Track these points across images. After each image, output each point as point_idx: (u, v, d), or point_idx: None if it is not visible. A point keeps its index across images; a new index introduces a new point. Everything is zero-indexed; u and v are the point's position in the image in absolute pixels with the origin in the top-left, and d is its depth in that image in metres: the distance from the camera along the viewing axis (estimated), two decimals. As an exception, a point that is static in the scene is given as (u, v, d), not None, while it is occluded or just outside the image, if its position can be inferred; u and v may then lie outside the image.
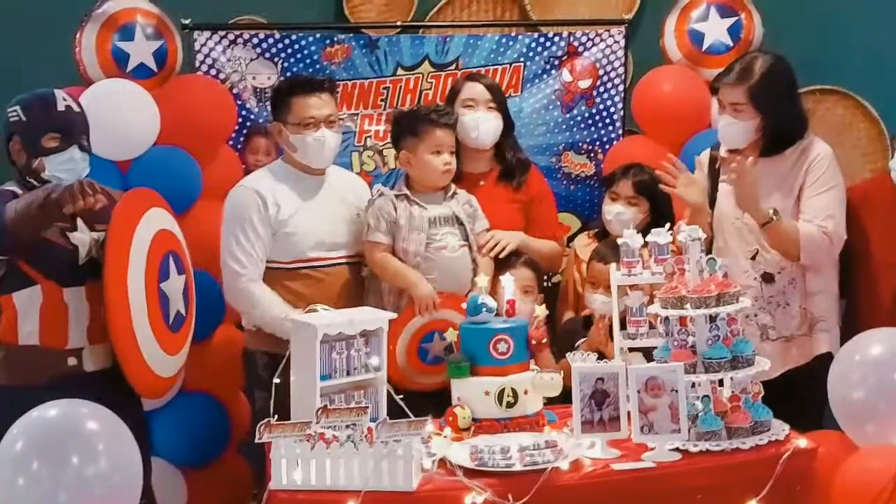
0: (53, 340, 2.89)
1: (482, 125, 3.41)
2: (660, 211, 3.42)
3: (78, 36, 3.66)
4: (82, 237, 2.91)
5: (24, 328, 2.88)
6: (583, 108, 4.14)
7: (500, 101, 3.48)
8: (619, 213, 3.44)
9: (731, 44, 3.95)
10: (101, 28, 3.64)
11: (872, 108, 4.26)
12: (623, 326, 2.95)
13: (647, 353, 2.85)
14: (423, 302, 3.10)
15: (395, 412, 2.67)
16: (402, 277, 3.15)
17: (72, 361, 2.91)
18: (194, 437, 3.61)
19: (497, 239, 3.33)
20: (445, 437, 2.66)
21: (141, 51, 3.67)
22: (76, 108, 2.95)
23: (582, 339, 3.17)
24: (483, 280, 2.89)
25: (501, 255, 3.32)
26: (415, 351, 3.13)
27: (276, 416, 2.48)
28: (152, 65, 3.70)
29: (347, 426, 2.41)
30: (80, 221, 2.90)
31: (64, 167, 2.89)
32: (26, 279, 2.86)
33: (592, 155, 4.14)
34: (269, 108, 3.85)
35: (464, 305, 2.88)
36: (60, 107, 2.91)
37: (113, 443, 2.37)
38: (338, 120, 3.29)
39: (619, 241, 2.97)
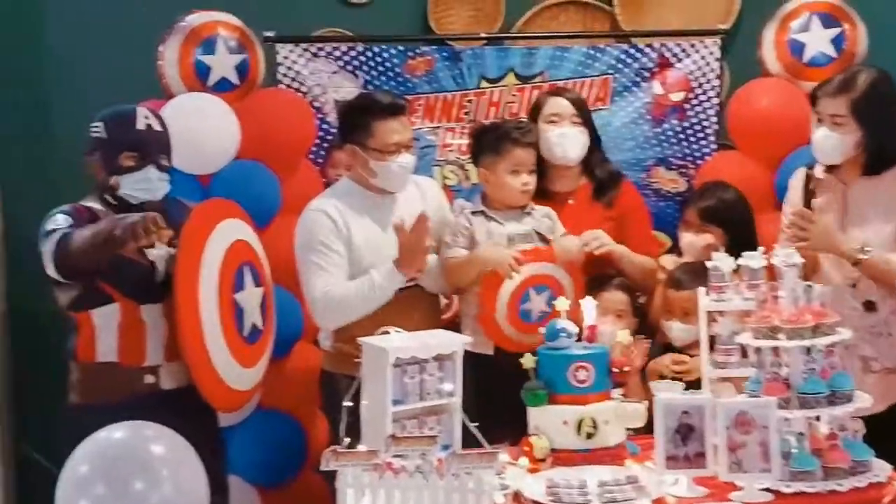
0: (131, 358, 2.88)
1: (568, 141, 3.29)
2: (739, 234, 3.23)
3: (161, 49, 3.68)
4: (159, 253, 2.89)
5: (101, 346, 2.88)
6: (674, 121, 4.00)
7: (585, 115, 3.35)
8: (691, 241, 3.29)
9: (834, 55, 3.76)
10: (183, 41, 3.65)
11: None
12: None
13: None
14: (504, 265, 3.03)
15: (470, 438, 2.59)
16: (471, 260, 3.10)
17: (149, 379, 2.90)
18: (271, 456, 3.58)
19: (596, 236, 3.18)
20: (521, 467, 2.55)
21: (223, 64, 3.67)
22: (157, 127, 2.94)
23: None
24: (563, 303, 2.77)
25: (598, 252, 3.18)
26: (516, 315, 3.08)
27: (347, 441, 2.41)
28: (234, 78, 3.69)
29: (417, 455, 2.33)
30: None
31: (139, 186, 2.88)
32: (104, 296, 2.85)
33: (684, 171, 3.99)
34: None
35: (541, 331, 2.76)
36: (140, 125, 2.90)
37: (178, 468, 2.34)
38: (414, 141, 3.21)
39: (709, 264, 2.82)
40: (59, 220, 2.80)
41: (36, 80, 4.16)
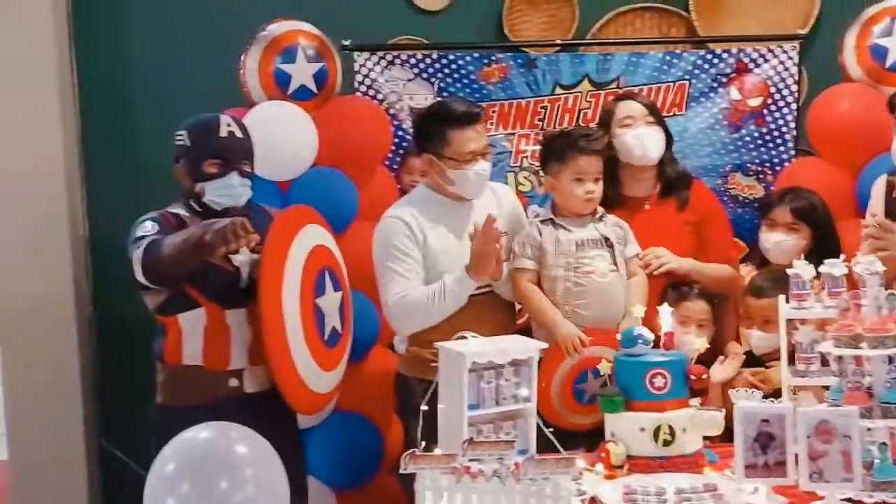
0: (216, 361, 2.95)
1: (646, 140, 3.28)
2: (823, 238, 3.21)
3: (243, 58, 3.75)
4: (244, 259, 2.95)
5: (187, 349, 2.95)
6: (752, 127, 3.96)
7: (657, 116, 3.34)
8: (778, 241, 3.26)
9: (918, 60, 3.70)
10: (264, 50, 3.72)
11: None
12: (791, 363, 2.77)
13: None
14: (567, 343, 3.01)
15: (544, 443, 2.59)
16: (543, 315, 3.08)
17: (233, 382, 2.96)
18: (347, 458, 3.62)
19: (657, 255, 3.18)
20: (597, 473, 2.56)
21: (302, 73, 3.72)
22: (239, 134, 3.00)
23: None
24: (639, 310, 2.76)
25: (658, 272, 3.17)
26: (570, 392, 3.05)
27: (423, 444, 2.43)
28: (312, 86, 3.74)
29: (494, 459, 2.34)
30: None
31: (222, 192, 2.94)
32: (191, 301, 2.92)
33: (762, 177, 3.96)
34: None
35: (618, 337, 2.76)
36: (223, 133, 2.96)
37: (261, 468, 2.38)
38: (490, 148, 3.22)
39: (790, 271, 2.79)
40: (147, 227, 2.88)
41: (120, 90, 4.28)
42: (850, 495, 2.35)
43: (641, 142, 3.28)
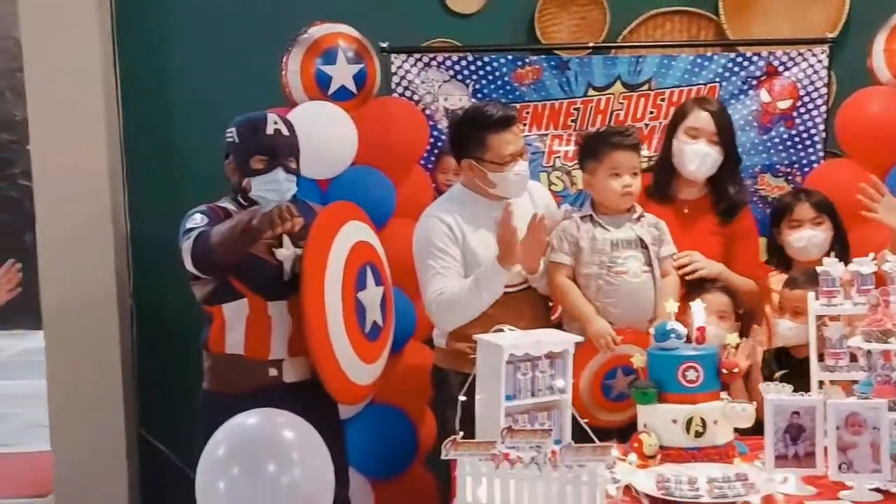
0: (257, 351, 3.04)
1: (702, 159, 3.34)
2: (839, 234, 3.33)
3: (285, 60, 3.84)
4: (287, 253, 3.04)
5: (230, 338, 3.04)
6: (781, 129, 4.02)
7: (725, 133, 3.38)
8: (811, 236, 3.33)
9: (948, 64, 3.74)
10: (305, 52, 3.80)
11: None
12: (821, 358, 2.84)
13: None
14: (599, 339, 3.08)
15: (578, 435, 2.67)
16: (577, 311, 3.15)
17: (272, 372, 3.05)
18: (383, 449, 3.70)
19: (693, 259, 3.26)
20: (631, 463, 2.63)
21: (342, 74, 3.79)
22: (285, 132, 3.09)
23: (781, 373, 3.06)
24: (672, 305, 2.84)
25: (689, 278, 3.25)
26: (598, 387, 3.12)
27: (461, 434, 2.52)
28: (352, 87, 3.81)
29: (531, 448, 2.42)
30: (285, 238, 3.03)
31: (268, 187, 3.03)
32: (235, 292, 3.02)
33: (791, 178, 4.01)
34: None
35: (651, 331, 2.83)
36: (269, 130, 3.06)
37: (307, 453, 2.47)
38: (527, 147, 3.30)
39: (819, 269, 2.86)
40: (197, 220, 2.99)
41: (161, 91, 4.38)
42: (878, 485, 2.42)
43: (697, 159, 3.34)
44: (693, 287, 3.24)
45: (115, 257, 4.19)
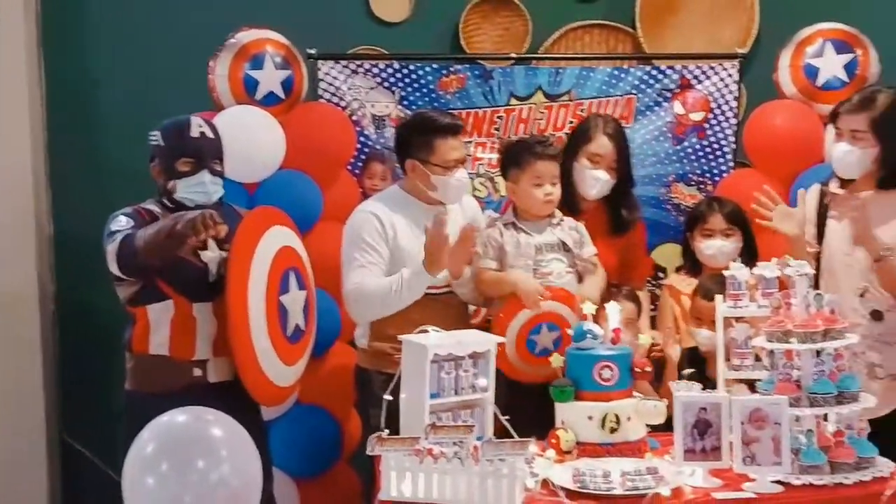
0: (181, 351, 3.06)
1: (600, 186, 3.49)
2: (750, 240, 3.50)
3: (212, 64, 3.87)
4: (213, 256, 3.09)
5: (155, 339, 3.07)
6: (694, 140, 4.18)
7: (623, 158, 3.53)
8: (720, 246, 3.49)
9: (847, 80, 3.94)
10: (233, 57, 3.84)
11: None
12: (727, 358, 2.99)
13: (751, 386, 2.88)
14: (531, 297, 3.19)
15: (501, 432, 2.77)
16: (504, 281, 3.27)
17: (197, 372, 3.08)
18: (308, 449, 3.75)
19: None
20: (548, 458, 2.74)
21: (270, 79, 3.85)
22: (210, 135, 3.14)
23: (689, 371, 3.20)
24: (589, 307, 2.96)
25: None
26: (523, 343, 3.23)
27: (386, 432, 2.59)
28: (280, 92, 3.87)
29: (454, 443, 2.51)
30: (211, 241, 3.06)
31: (194, 190, 3.08)
32: (160, 294, 3.05)
33: (702, 187, 4.17)
34: (386, 135, 4.05)
35: (569, 332, 2.95)
36: (194, 133, 3.10)
37: (236, 449, 2.49)
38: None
39: (727, 273, 3.01)
40: (121, 222, 3.01)
41: (87, 91, 4.37)
42: (779, 477, 2.56)
43: (598, 185, 3.48)
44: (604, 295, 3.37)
45: (38, 259, 4.17)
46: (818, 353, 2.64)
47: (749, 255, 3.41)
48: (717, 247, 3.50)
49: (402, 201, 3.34)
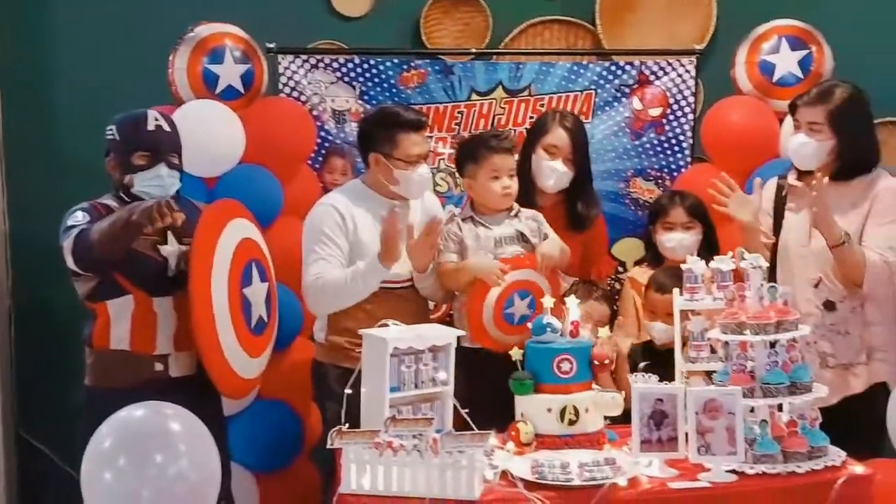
0: (142, 346, 3.06)
1: (557, 177, 3.52)
2: (710, 233, 3.55)
3: (171, 58, 3.85)
4: (172, 250, 3.08)
5: (115, 334, 3.06)
6: (652, 135, 4.22)
7: (581, 151, 3.55)
8: (681, 239, 3.53)
9: (802, 76, 4.00)
10: (192, 51, 3.83)
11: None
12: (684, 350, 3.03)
13: (708, 377, 2.91)
14: (491, 276, 3.23)
15: (461, 425, 2.79)
16: (462, 269, 3.30)
17: (158, 367, 3.08)
18: (269, 443, 3.76)
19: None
20: (508, 451, 2.76)
21: (229, 73, 3.85)
22: (167, 128, 3.12)
23: (645, 364, 3.24)
24: (548, 301, 2.99)
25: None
26: (501, 318, 3.27)
27: (346, 426, 2.60)
28: (240, 87, 3.87)
29: (414, 436, 2.53)
30: (170, 235, 3.07)
31: (151, 183, 3.07)
32: (120, 289, 3.04)
33: (660, 181, 4.22)
34: (347, 130, 4.05)
35: (529, 325, 2.97)
36: (150, 126, 3.09)
37: (194, 444, 2.51)
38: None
39: (683, 266, 3.04)
40: (78, 217, 2.99)
41: (45, 86, 4.33)
42: (733, 467, 2.60)
43: (554, 176, 3.51)
44: (583, 289, 3.41)
45: (-8, 256, 4.14)
46: (772, 344, 2.68)
47: (709, 249, 3.46)
48: (677, 239, 3.55)
49: (363, 195, 3.34)
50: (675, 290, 3.04)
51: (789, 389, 2.65)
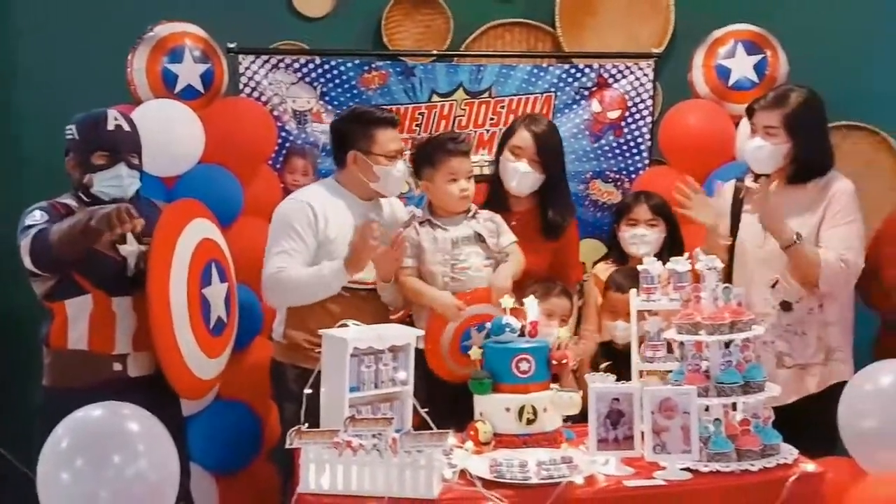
0: (100, 346, 3.05)
1: (520, 178, 3.51)
2: (674, 233, 3.59)
3: (130, 57, 3.84)
4: (131, 249, 3.07)
5: (73, 334, 3.04)
6: (611, 137, 4.26)
7: (548, 154, 3.52)
8: (642, 234, 3.57)
9: (757, 80, 4.07)
10: (151, 50, 3.82)
11: (897, 144, 4.36)
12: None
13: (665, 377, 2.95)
14: (449, 311, 3.25)
15: (421, 425, 2.81)
16: (422, 295, 3.31)
17: (117, 366, 3.06)
18: (228, 444, 3.75)
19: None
20: (467, 450, 2.78)
21: (189, 73, 3.84)
22: (126, 128, 3.11)
23: (606, 364, 3.27)
24: (507, 301, 3.01)
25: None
26: (458, 350, 3.27)
27: (306, 425, 2.61)
28: (199, 86, 3.86)
29: (373, 435, 2.54)
30: (129, 235, 3.05)
31: (110, 183, 3.06)
32: (78, 288, 3.02)
33: (619, 183, 4.26)
34: (308, 130, 4.05)
35: (487, 325, 3.00)
36: (110, 126, 3.08)
37: (152, 444, 2.50)
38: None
39: (640, 267, 3.09)
40: (36, 217, 2.97)
41: (4, 86, 4.28)
42: (688, 465, 2.64)
43: (518, 176, 3.51)
44: (540, 289, 3.41)
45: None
46: (726, 344, 2.72)
47: (673, 248, 3.50)
48: (639, 235, 3.58)
49: (336, 193, 3.36)
50: (633, 291, 3.09)
51: (743, 389, 2.69)
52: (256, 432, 3.85)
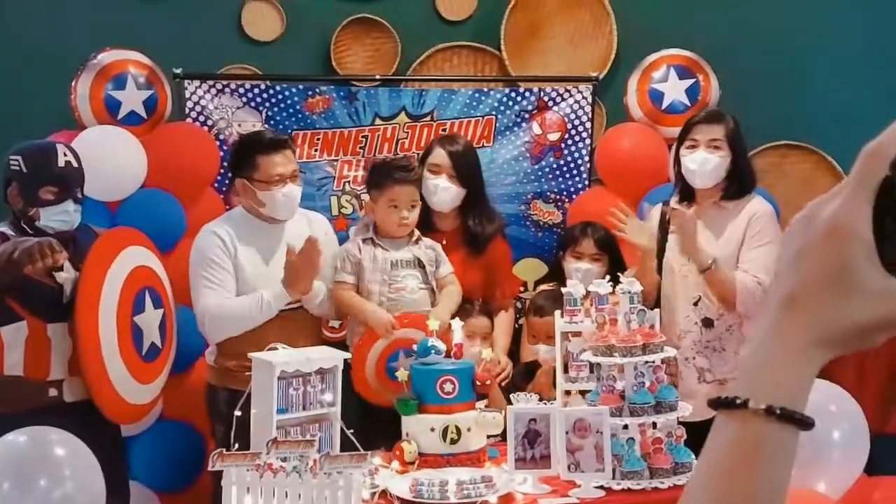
0: (36, 372, 3.10)
1: (438, 194, 3.60)
2: (616, 263, 3.66)
3: (74, 84, 3.90)
4: (67, 276, 3.12)
5: (9, 360, 3.09)
6: (551, 159, 4.35)
7: (465, 170, 3.61)
8: (587, 269, 3.64)
9: (689, 104, 4.17)
10: (95, 77, 3.89)
11: (837, 163, 4.41)
12: (566, 370, 3.15)
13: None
14: (382, 327, 3.32)
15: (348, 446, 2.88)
16: (358, 309, 3.39)
17: (52, 392, 3.11)
18: (171, 463, 3.81)
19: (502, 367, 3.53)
20: (392, 469, 2.86)
21: (132, 99, 3.91)
22: (75, 164, 3.16)
23: (529, 384, 3.36)
24: (434, 324, 3.10)
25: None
26: (383, 370, 3.34)
27: (236, 447, 2.68)
28: (142, 112, 3.93)
29: (297, 458, 2.61)
30: (66, 262, 3.08)
31: (57, 218, 3.11)
32: (13, 314, 3.07)
33: (560, 204, 4.35)
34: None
35: (414, 347, 3.08)
36: (61, 162, 3.12)
37: (78, 468, 2.57)
38: (299, 174, 3.48)
39: (564, 290, 3.17)
40: None
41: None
42: (602, 483, 2.73)
43: (438, 192, 3.59)
44: (458, 311, 3.50)
45: None
46: (637, 366, 2.81)
47: (615, 279, 3.57)
48: (584, 269, 3.65)
49: (242, 220, 3.43)
50: (557, 312, 3.18)
51: (654, 408, 2.78)
52: (199, 451, 3.89)
